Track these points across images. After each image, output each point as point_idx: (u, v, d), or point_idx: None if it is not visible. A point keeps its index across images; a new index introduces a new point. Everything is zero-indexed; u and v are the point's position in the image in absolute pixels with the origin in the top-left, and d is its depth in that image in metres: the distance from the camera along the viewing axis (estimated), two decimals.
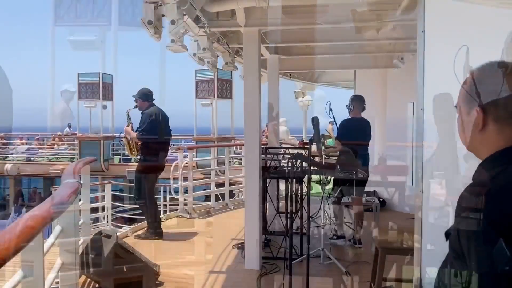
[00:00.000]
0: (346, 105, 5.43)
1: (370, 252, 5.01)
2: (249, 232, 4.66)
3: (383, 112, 7.19)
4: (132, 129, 5.83)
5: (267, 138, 7.23)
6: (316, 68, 8.18)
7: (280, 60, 6.47)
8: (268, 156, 5.36)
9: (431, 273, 1.83)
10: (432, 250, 1.85)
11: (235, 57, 5.96)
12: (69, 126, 18.42)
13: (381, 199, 7.36)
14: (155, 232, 5.74)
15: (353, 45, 6.08)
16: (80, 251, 3.84)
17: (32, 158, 18.85)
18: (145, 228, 5.93)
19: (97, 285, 4.09)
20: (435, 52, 1.86)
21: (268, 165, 5.25)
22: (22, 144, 20.15)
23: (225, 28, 4.79)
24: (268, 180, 5.47)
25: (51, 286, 2.51)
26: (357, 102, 5.42)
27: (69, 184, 2.45)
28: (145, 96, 5.79)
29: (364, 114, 5.54)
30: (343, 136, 5.25)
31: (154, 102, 5.87)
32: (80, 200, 3.96)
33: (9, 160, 18.57)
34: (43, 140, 20.58)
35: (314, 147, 4.81)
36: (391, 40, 5.60)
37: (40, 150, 19.34)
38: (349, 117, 5.40)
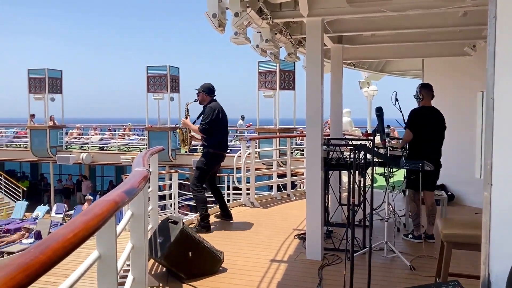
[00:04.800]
0: (414, 95, 5.23)
1: (436, 247, 4.86)
2: (310, 223, 4.67)
3: (452, 102, 6.87)
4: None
5: (329, 129, 7.16)
6: (381, 57, 7.95)
7: (344, 49, 6.35)
8: (330, 147, 5.32)
9: (500, 269, 1.76)
10: (502, 246, 1.78)
11: (297, 48, 5.95)
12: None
13: (449, 193, 7.09)
14: (204, 227, 5.73)
15: (420, 32, 5.85)
16: (149, 236, 4.04)
17: (105, 148, 19.93)
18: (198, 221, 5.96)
19: (164, 269, 4.29)
20: (507, 39, 1.77)
21: (330, 156, 5.21)
22: (96, 134, 21.33)
23: (288, 18, 4.79)
24: (330, 172, 5.44)
25: (123, 268, 2.68)
26: (427, 90, 5.19)
27: (139, 171, 2.59)
28: (208, 90, 5.90)
29: (432, 104, 5.33)
30: (415, 125, 5.05)
31: (215, 97, 5.98)
32: (149, 187, 4.16)
33: (84, 149, 19.75)
34: (115, 131, 21.67)
35: (378, 138, 4.71)
36: (462, 27, 5.33)
37: (112, 140, 20.38)
38: (420, 106, 5.20)
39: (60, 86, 20.14)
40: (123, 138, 20.66)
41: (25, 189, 20.15)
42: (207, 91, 5.90)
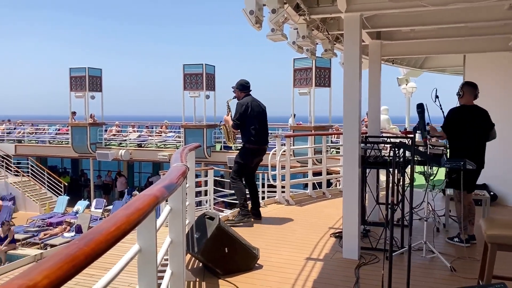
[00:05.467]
0: (457, 93, 5.07)
1: (477, 248, 4.71)
2: (347, 221, 4.61)
3: (496, 98, 6.62)
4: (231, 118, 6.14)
5: (366, 127, 7.04)
6: (421, 53, 7.74)
7: (382, 45, 6.23)
8: (368, 145, 5.23)
9: None
10: None
11: (334, 44, 5.88)
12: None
13: (491, 193, 6.85)
14: (245, 215, 5.97)
15: (462, 27, 5.66)
16: (186, 231, 4.09)
17: (143, 145, 20.35)
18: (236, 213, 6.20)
19: (200, 264, 4.34)
20: None
21: (368, 154, 5.13)
22: (134, 131, 21.81)
23: (325, 14, 4.74)
24: (367, 170, 5.36)
25: (161, 262, 2.72)
26: (470, 88, 5.00)
27: (178, 167, 2.63)
28: (241, 86, 6.07)
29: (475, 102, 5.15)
30: (451, 125, 4.89)
31: (251, 92, 6.12)
32: (186, 183, 4.21)
33: (123, 146, 20.23)
34: (152, 128, 22.09)
35: (417, 136, 4.60)
36: (507, 21, 5.12)
37: (150, 137, 20.79)
38: (459, 104, 5.03)
39: (100, 84, 20.69)
40: (160, 135, 21.04)
41: (66, 184, 20.85)
42: (240, 88, 6.07)
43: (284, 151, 7.62)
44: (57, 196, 19.59)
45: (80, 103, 20.48)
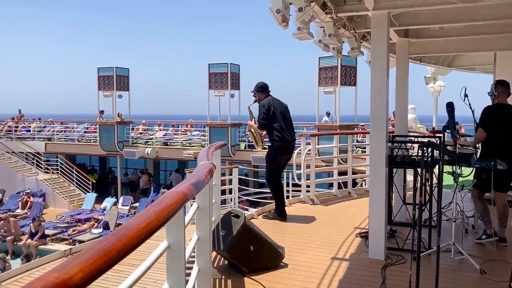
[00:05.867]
0: (488, 92, 4.96)
1: (508, 250, 4.60)
2: (373, 221, 4.56)
3: None
4: (255, 123, 6.24)
5: (393, 126, 6.96)
6: (449, 51, 7.58)
7: (410, 43, 6.13)
8: (395, 144, 5.16)
9: None
10: None
11: (361, 42, 5.82)
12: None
13: None
14: (280, 215, 6.13)
15: (493, 24, 5.52)
16: (212, 228, 4.12)
17: (169, 143, 20.57)
18: (273, 209, 6.33)
19: (226, 262, 4.37)
20: None
21: (395, 153, 5.06)
22: (160, 130, 22.06)
23: (352, 12, 4.69)
24: (394, 169, 5.29)
25: (189, 259, 2.75)
26: (503, 87, 4.89)
27: (205, 165, 2.65)
28: (260, 89, 6.16)
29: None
30: (489, 123, 4.79)
31: (270, 93, 6.19)
32: (212, 181, 4.24)
33: (149, 145, 20.50)
34: (178, 127, 22.28)
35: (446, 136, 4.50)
36: None
37: (175, 136, 21.01)
38: (493, 103, 4.92)
39: (127, 83, 21.00)
40: (186, 134, 21.24)
41: (94, 181, 21.25)
42: (260, 90, 6.17)
43: (309, 150, 7.59)
44: (85, 193, 20.00)
45: (108, 102, 20.88)
